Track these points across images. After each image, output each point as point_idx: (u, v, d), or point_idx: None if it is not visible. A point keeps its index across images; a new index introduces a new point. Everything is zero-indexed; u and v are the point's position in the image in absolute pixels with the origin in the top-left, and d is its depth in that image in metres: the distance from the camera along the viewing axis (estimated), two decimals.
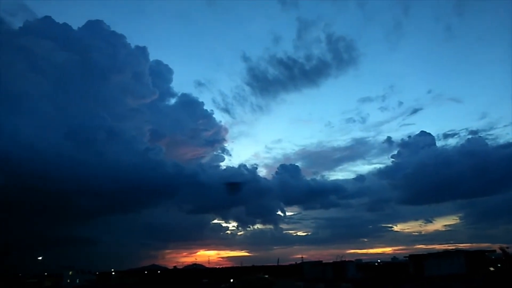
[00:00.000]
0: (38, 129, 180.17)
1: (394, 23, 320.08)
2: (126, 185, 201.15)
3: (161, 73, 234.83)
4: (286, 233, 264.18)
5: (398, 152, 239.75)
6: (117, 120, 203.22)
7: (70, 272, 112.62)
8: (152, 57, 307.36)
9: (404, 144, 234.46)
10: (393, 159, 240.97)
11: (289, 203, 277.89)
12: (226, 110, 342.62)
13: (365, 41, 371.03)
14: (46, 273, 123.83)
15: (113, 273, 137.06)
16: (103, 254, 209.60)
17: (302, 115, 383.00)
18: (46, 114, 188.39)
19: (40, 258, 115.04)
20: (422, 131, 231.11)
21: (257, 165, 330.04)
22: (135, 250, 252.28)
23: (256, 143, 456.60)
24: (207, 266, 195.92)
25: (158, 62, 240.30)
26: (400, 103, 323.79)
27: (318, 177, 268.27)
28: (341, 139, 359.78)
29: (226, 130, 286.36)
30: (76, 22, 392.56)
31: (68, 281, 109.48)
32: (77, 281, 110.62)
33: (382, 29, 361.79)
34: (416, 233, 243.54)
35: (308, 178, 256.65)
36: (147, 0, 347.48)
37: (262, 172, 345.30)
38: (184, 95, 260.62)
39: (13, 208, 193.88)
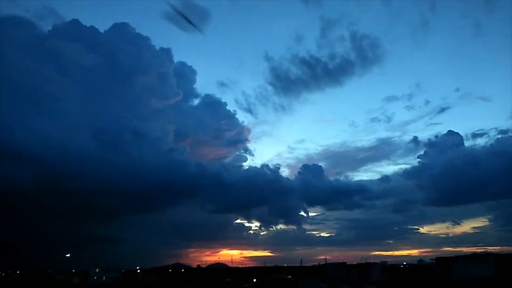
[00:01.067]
0: (66, 130, 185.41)
1: (420, 20, 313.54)
2: (151, 184, 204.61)
3: (185, 74, 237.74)
4: (309, 233, 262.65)
5: (424, 152, 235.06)
6: (142, 121, 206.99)
7: (97, 270, 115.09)
8: (176, 58, 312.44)
9: (431, 144, 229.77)
10: (419, 160, 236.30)
11: (312, 203, 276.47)
12: (249, 110, 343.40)
13: (390, 38, 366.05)
14: (73, 270, 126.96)
15: (138, 271, 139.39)
16: (128, 252, 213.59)
17: (325, 115, 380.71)
18: (73, 115, 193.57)
19: (68, 255, 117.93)
20: (449, 131, 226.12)
21: (279, 165, 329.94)
22: (160, 249, 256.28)
23: (278, 143, 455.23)
24: (230, 265, 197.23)
25: (182, 64, 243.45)
26: (427, 102, 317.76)
27: (342, 178, 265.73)
28: (366, 139, 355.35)
29: (248, 130, 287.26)
30: (103, 25, 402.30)
31: (95, 278, 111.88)
32: (103, 278, 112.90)
33: (408, 26, 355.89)
34: (443, 235, 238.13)
35: (332, 179, 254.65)
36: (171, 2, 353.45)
37: (284, 172, 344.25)
38: (207, 95, 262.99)
39: (43, 207, 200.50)
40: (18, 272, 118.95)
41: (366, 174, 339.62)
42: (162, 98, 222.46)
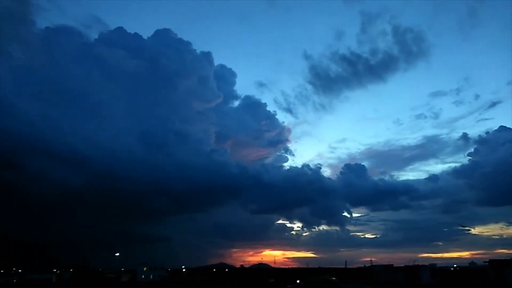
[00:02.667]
0: (113, 134, 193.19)
1: (467, 10, 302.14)
2: (194, 185, 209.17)
3: (225, 76, 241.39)
4: (353, 235, 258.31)
5: (475, 149, 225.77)
6: (184, 124, 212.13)
7: (144, 268, 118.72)
8: (217, 61, 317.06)
9: (482, 141, 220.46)
10: (469, 157, 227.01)
11: (356, 204, 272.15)
12: (289, 110, 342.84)
13: (435, 31, 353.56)
14: (122, 269, 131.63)
15: (183, 270, 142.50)
16: (174, 251, 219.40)
17: (367, 113, 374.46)
18: (120, 119, 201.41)
19: (117, 254, 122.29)
20: (501, 126, 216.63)
21: (320, 165, 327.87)
22: (204, 248, 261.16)
23: (319, 142, 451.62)
24: (273, 266, 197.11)
25: (222, 66, 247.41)
26: (477, 97, 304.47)
27: (387, 177, 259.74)
28: (411, 137, 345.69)
29: (289, 130, 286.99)
30: (146, 31, 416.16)
31: (143, 276, 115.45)
32: (151, 277, 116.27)
33: (455, 17, 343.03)
34: (497, 237, 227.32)
35: (376, 178, 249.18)
36: (211, 6, 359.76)
37: (326, 172, 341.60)
38: (247, 97, 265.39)
39: (94, 208, 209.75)
40: (71, 270, 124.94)
41: (412, 174, 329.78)
42: (204, 100, 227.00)
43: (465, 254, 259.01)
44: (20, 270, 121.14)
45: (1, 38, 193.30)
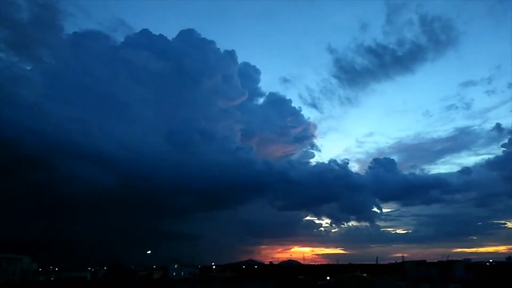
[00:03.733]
0: (140, 134, 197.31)
1: None
2: (220, 183, 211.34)
3: (249, 74, 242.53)
4: (383, 230, 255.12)
5: (509, 140, 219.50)
6: (210, 122, 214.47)
7: (175, 266, 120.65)
8: (240, 59, 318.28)
9: None
10: (503, 149, 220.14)
11: (386, 199, 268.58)
12: (314, 105, 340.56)
13: (464, 18, 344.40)
14: (154, 266, 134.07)
15: (213, 267, 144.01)
16: (203, 248, 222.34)
17: (396, 105, 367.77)
18: (146, 119, 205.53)
19: (148, 252, 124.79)
20: None
21: (348, 160, 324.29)
22: (233, 245, 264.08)
23: (346, 137, 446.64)
24: (302, 262, 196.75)
25: (246, 64, 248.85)
26: (510, 85, 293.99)
27: (417, 171, 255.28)
28: (442, 129, 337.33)
29: (315, 126, 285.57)
30: (171, 32, 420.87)
31: (174, 273, 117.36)
32: (182, 274, 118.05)
33: (484, 3, 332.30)
34: None
35: (406, 173, 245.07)
36: (233, 4, 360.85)
37: (354, 167, 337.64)
38: (271, 94, 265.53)
39: (123, 207, 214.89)
40: (105, 268, 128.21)
41: (444, 167, 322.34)
42: (228, 99, 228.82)
43: (502, 248, 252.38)
44: (57, 269, 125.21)
45: (31, 44, 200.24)
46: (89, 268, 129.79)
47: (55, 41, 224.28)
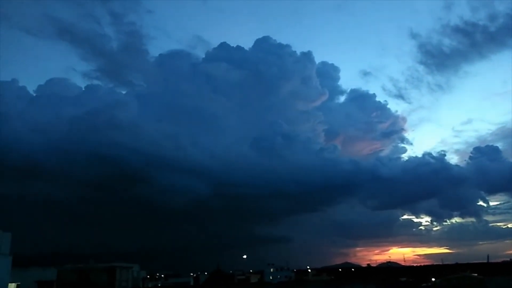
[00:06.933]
0: (228, 143, 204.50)
1: None
2: (307, 185, 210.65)
3: (328, 73, 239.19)
4: (493, 225, 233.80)
5: None
6: (292, 125, 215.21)
7: (271, 269, 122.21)
8: (317, 59, 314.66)
9: None
10: None
11: (492, 191, 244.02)
12: (400, 96, 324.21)
13: None
14: (251, 270, 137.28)
15: (309, 270, 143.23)
16: (297, 252, 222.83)
17: (494, 87, 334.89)
18: (232, 128, 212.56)
19: (244, 257, 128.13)
20: None
21: (445, 151, 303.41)
22: (327, 248, 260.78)
23: (440, 127, 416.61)
24: (402, 264, 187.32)
25: (323, 63, 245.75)
26: None
27: None
28: None
29: (403, 118, 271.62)
30: (247, 41, 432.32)
31: (271, 277, 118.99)
32: (278, 277, 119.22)
33: None
34: None
35: None
36: (304, 5, 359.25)
37: (452, 159, 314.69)
38: (353, 90, 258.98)
39: (219, 214, 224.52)
40: (206, 273, 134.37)
41: None
42: (309, 100, 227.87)
43: None
44: (162, 275, 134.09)
45: (123, 70, 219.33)
46: (191, 274, 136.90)
47: (143, 64, 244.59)
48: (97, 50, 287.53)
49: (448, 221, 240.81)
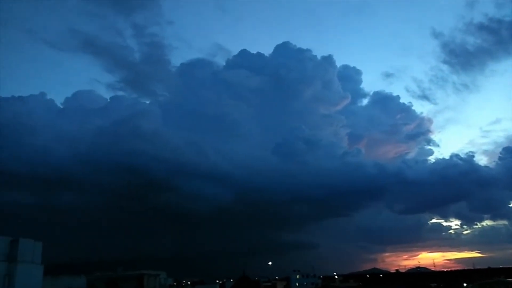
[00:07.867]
0: (250, 149, 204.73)
1: None
2: (331, 190, 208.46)
3: (350, 76, 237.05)
4: None
5: None
6: (314, 130, 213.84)
7: (297, 276, 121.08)
8: (339, 62, 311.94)
9: None
10: None
11: None
12: (425, 97, 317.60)
13: None
14: (277, 277, 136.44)
15: (336, 276, 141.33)
16: (323, 257, 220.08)
17: None
18: (254, 134, 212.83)
19: (270, 263, 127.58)
20: None
21: (473, 152, 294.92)
22: (354, 254, 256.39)
23: (468, 128, 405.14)
24: (432, 269, 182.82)
25: (345, 67, 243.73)
26: None
27: None
28: None
29: (429, 120, 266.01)
30: (267, 47, 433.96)
31: (297, 284, 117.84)
32: (304, 284, 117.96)
33: None
34: None
35: None
36: (323, 8, 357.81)
37: (481, 160, 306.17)
38: (376, 93, 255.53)
39: (243, 220, 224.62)
40: (231, 280, 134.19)
41: None
42: (331, 104, 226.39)
43: None
44: (189, 282, 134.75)
45: (146, 80, 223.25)
46: (217, 281, 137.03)
47: (165, 74, 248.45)
48: (120, 62, 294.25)
49: (478, 224, 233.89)
